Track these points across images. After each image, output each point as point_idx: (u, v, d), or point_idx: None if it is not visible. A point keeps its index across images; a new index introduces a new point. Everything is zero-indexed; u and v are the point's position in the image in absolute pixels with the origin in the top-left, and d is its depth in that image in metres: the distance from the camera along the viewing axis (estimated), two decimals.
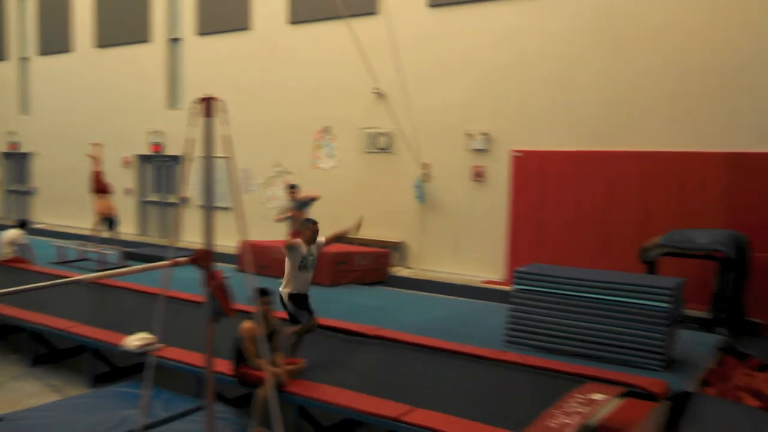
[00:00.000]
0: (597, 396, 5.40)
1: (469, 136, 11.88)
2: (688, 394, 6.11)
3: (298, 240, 6.23)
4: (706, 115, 9.86)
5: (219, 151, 4.09)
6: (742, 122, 9.59)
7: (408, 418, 4.78)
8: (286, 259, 6.23)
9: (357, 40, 12.17)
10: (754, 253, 8.98)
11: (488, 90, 11.72)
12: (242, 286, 5.16)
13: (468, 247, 12.09)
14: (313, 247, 6.31)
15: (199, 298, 4.66)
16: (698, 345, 7.44)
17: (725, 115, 9.72)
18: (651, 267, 9.01)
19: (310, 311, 6.28)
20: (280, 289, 6.26)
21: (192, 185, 14.42)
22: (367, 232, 12.87)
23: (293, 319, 6.28)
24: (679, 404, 5.94)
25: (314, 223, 6.43)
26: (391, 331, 7.24)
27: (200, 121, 4.10)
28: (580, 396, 5.40)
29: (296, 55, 14.12)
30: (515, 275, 7.44)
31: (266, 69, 14.62)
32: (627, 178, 10.35)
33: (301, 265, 6.20)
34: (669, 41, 10.12)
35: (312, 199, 10.85)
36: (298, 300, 6.23)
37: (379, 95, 12.72)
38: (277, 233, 11.32)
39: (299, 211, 10.58)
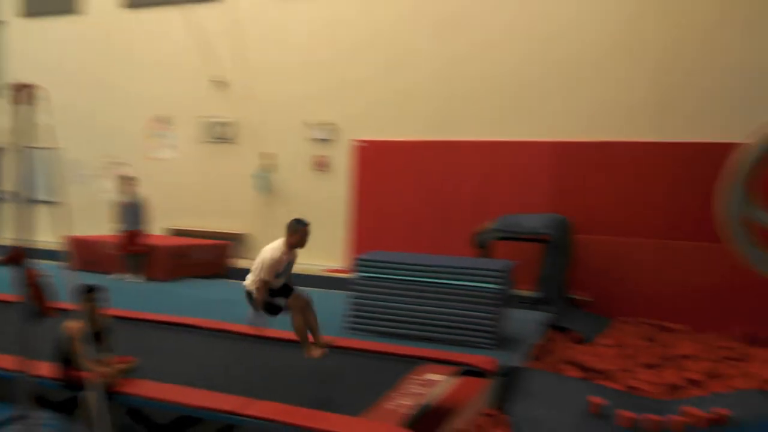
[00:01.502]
0: (433, 376, 5.58)
1: (312, 125, 11.87)
2: (517, 369, 6.46)
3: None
4: (535, 106, 10.43)
5: (41, 141, 3.84)
6: (568, 113, 10.21)
7: (246, 411, 4.71)
8: (261, 270, 5.60)
9: (195, 27, 11.81)
10: (577, 235, 9.65)
11: (331, 80, 11.75)
12: (69, 284, 4.86)
13: (311, 237, 12.05)
14: (295, 252, 5.71)
15: (18, 298, 4.34)
16: (527, 323, 7.89)
17: (553, 107, 10.31)
18: (485, 251, 9.42)
19: (289, 290, 5.79)
20: (246, 283, 5.70)
21: (15, 178, 13.42)
22: (207, 224, 12.62)
23: (270, 309, 5.79)
24: (509, 379, 6.27)
25: (305, 225, 5.78)
26: (230, 324, 7.12)
27: (18, 109, 3.83)
28: (418, 377, 5.56)
29: (132, 41, 13.48)
30: (356, 262, 7.54)
31: (100, 55, 13.85)
32: (464, 166, 10.74)
33: (277, 275, 5.62)
34: (502, 35, 10.57)
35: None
36: (270, 291, 5.71)
37: (219, 84, 12.42)
38: (108, 227, 10.80)
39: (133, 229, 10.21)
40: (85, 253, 10.61)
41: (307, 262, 11.85)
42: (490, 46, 10.65)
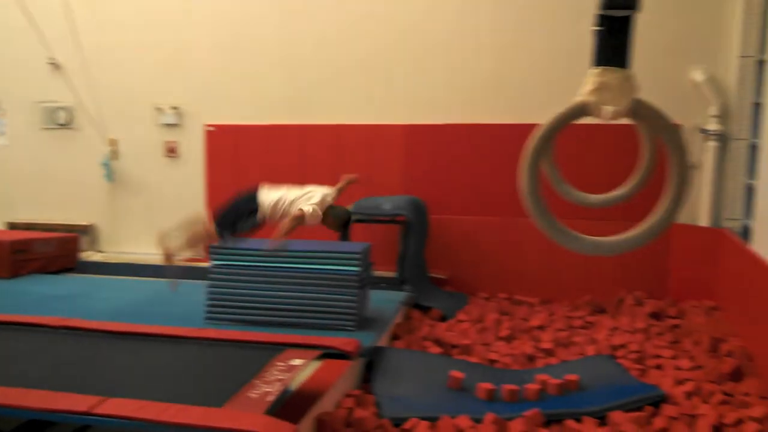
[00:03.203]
0: (296, 362, 5.52)
1: (159, 110, 11.39)
2: (380, 348, 6.55)
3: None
4: (387, 90, 10.51)
5: None
6: (416, 98, 10.38)
7: (99, 410, 4.44)
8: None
9: (26, 6, 11.00)
10: (432, 216, 9.88)
11: (177, 63, 11.29)
12: None
13: (166, 226, 11.62)
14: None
15: None
16: (388, 303, 8.00)
17: (402, 91, 10.44)
18: (344, 234, 9.44)
19: None
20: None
21: None
22: (50, 216, 11.88)
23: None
24: (372, 359, 6.35)
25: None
26: (80, 320, 6.72)
27: None
28: (280, 363, 5.48)
29: None
30: (211, 251, 7.34)
31: None
32: (318, 150, 10.70)
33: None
34: (352, 20, 10.56)
35: None
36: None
37: (56, 66, 11.65)
38: None
39: None
40: None
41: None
42: (341, 31, 10.61)
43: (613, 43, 4.75)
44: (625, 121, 5.05)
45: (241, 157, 11.00)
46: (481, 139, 10.02)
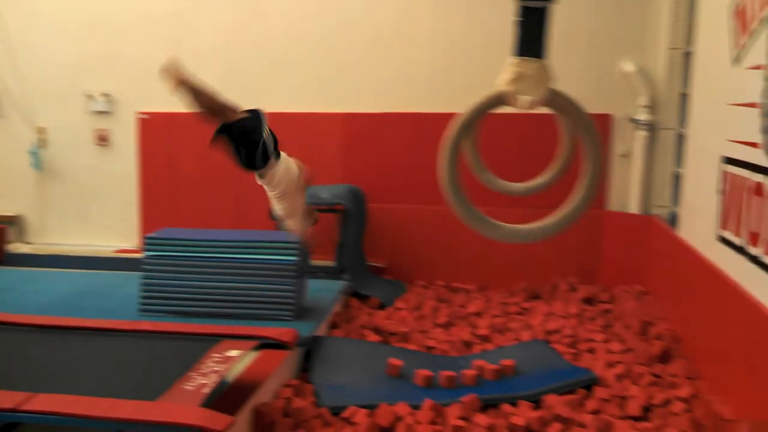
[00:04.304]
0: (232, 352, 5.47)
1: (90, 97, 11.06)
2: (318, 338, 6.54)
3: None
4: (326, 78, 10.44)
5: None
6: (355, 86, 10.34)
7: (28, 406, 4.32)
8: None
9: None
10: (370, 204, 9.89)
11: (108, 48, 10.95)
12: None
13: (98, 216, 11.36)
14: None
15: None
16: (326, 292, 7.98)
17: (341, 79, 10.39)
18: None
19: None
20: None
21: None
22: None
23: None
24: (310, 348, 6.34)
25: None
26: (8, 314, 6.51)
27: None
28: (217, 355, 5.43)
29: None
30: (145, 241, 7.21)
31: None
32: None
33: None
34: (295, 12, 10.44)
35: None
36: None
37: None
38: None
39: None
40: None
41: (96, 243, 11.23)
42: (279, 20, 10.48)
43: (530, 34, 4.84)
44: (543, 110, 5.15)
45: (176, 146, 10.76)
46: (419, 128, 10.05)
